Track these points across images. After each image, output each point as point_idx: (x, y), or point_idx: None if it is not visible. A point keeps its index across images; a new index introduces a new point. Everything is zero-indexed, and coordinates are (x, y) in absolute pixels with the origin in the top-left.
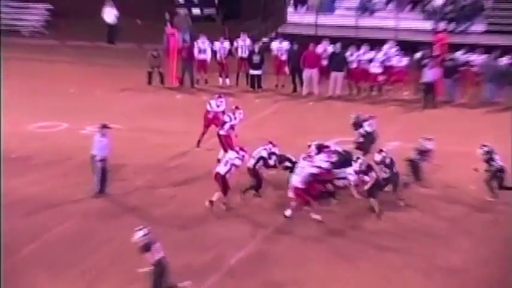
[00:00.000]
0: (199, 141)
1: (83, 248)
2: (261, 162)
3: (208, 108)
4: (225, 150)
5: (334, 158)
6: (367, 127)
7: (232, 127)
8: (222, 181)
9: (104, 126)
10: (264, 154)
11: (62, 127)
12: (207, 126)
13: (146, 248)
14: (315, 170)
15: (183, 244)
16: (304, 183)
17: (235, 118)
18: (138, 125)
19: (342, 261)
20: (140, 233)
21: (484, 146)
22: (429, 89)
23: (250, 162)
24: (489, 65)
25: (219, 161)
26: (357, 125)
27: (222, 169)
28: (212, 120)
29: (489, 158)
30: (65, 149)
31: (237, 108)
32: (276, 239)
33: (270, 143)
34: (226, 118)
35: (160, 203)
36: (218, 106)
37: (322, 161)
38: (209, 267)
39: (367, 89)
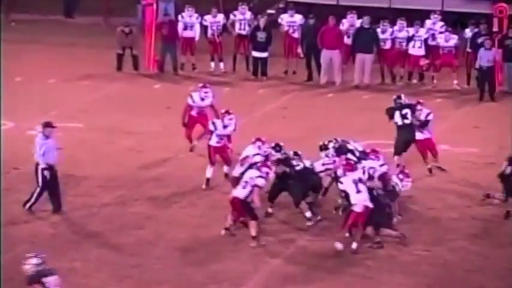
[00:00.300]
0: (191, 149)
1: None
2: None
3: (190, 102)
4: (212, 164)
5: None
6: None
7: (221, 137)
8: (242, 207)
9: (47, 125)
10: (257, 159)
11: (5, 127)
12: (190, 127)
13: (34, 279)
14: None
15: (161, 279)
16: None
17: (224, 127)
18: (104, 123)
19: None
20: (33, 261)
21: None
22: (486, 76)
23: (236, 171)
24: None
25: (226, 176)
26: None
27: (240, 192)
28: (197, 118)
29: None
30: (9, 156)
31: (227, 113)
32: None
33: (258, 140)
34: (210, 126)
35: (133, 226)
36: (203, 99)
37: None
38: None
39: (405, 76)
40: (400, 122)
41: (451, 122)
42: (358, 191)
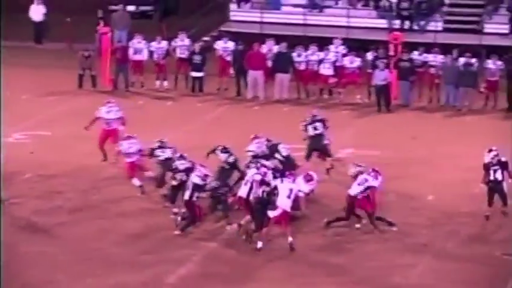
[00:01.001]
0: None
1: None
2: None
3: (98, 114)
4: (131, 177)
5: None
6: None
7: (130, 155)
8: (247, 205)
9: None
10: (197, 181)
11: None
12: (102, 140)
13: None
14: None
15: (117, 261)
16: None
17: (129, 147)
18: (68, 132)
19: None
20: None
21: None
22: (381, 92)
23: (186, 194)
24: (448, 66)
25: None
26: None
27: (243, 191)
28: (108, 132)
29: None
30: None
31: (129, 137)
32: (218, 256)
33: (201, 165)
34: (119, 147)
35: (93, 216)
36: (108, 112)
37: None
38: (147, 287)
39: (317, 92)
40: (311, 133)
41: (355, 130)
42: (288, 197)
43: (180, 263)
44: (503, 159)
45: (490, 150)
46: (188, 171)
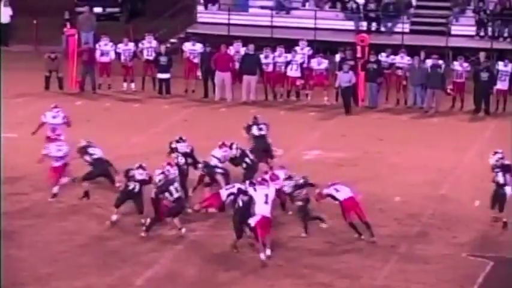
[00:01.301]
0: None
1: None
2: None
3: (43, 119)
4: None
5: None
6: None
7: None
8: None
9: None
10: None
11: None
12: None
13: None
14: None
15: (84, 264)
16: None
17: (57, 150)
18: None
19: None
20: None
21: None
22: (347, 93)
23: (152, 192)
24: (415, 68)
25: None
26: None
27: (223, 193)
28: (52, 138)
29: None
30: None
31: (56, 139)
32: (186, 259)
33: (168, 164)
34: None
35: (59, 218)
36: (54, 117)
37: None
38: None
39: (284, 93)
40: (256, 133)
41: (322, 131)
42: (266, 202)
43: (148, 265)
44: (506, 162)
45: (495, 153)
46: (143, 183)
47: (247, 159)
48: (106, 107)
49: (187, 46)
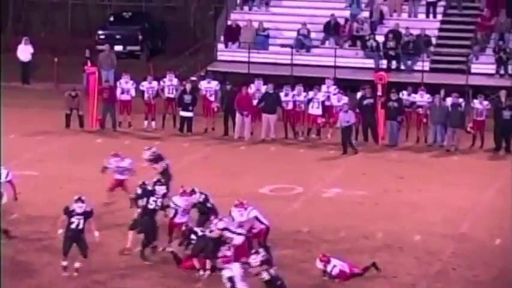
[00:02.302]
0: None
1: None
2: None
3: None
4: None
5: None
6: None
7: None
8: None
9: None
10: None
11: None
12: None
13: None
14: None
15: None
16: None
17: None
18: (55, 171)
19: None
20: None
21: None
22: (346, 133)
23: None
24: (436, 106)
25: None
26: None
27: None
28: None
29: None
30: None
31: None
32: None
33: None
34: None
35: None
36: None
37: None
38: None
39: (305, 131)
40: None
41: (342, 169)
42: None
43: None
44: None
45: None
46: (86, 215)
47: (208, 204)
48: (126, 145)
49: (203, 84)
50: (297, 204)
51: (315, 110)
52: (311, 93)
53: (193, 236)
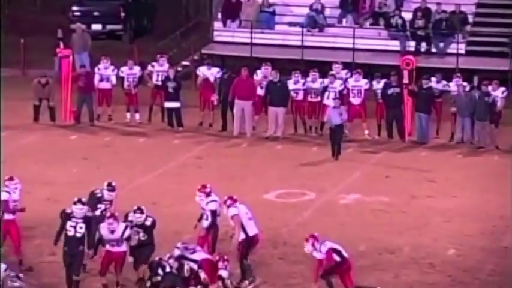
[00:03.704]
0: None
1: None
2: None
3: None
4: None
5: None
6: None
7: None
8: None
9: None
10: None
11: None
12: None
13: None
14: None
15: None
16: None
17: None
18: (21, 174)
19: None
20: None
21: None
22: (337, 132)
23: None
24: (461, 97)
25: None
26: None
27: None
28: None
29: None
30: None
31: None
32: None
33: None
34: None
35: (49, 274)
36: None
37: None
38: None
39: (318, 126)
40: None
41: (362, 171)
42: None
43: None
44: None
45: None
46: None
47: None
48: (106, 142)
49: (202, 70)
50: (309, 213)
51: (330, 101)
52: (326, 81)
53: (160, 271)
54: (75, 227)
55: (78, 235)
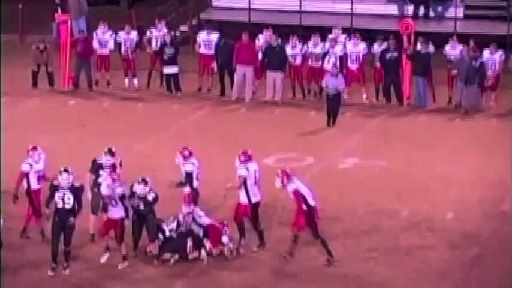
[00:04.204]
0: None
1: None
2: None
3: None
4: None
5: None
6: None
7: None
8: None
9: None
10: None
11: None
12: None
13: None
14: None
15: None
16: None
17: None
18: (20, 140)
19: None
20: None
21: None
22: (334, 101)
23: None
24: (459, 61)
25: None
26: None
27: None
28: None
29: None
30: None
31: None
32: None
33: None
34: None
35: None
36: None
37: None
38: None
39: (317, 91)
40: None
41: (360, 136)
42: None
43: None
44: None
45: None
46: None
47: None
48: (104, 107)
49: (201, 36)
50: (307, 177)
51: (330, 66)
52: (327, 46)
53: (160, 236)
54: (63, 199)
55: (67, 207)
